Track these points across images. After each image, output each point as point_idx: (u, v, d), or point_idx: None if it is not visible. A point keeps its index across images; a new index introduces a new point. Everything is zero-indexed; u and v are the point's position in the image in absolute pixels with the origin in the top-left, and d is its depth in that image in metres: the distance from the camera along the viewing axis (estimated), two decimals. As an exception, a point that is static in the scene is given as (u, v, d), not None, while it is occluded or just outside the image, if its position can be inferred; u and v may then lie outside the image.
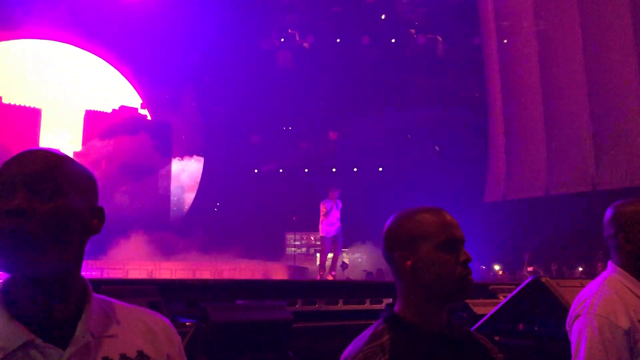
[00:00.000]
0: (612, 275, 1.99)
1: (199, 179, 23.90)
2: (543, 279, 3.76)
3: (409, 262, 1.42)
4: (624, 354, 1.82)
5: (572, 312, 1.97)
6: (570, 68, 15.84)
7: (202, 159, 24.01)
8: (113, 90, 24.37)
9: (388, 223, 1.52)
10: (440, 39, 22.27)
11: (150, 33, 22.00)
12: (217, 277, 13.12)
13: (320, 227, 10.26)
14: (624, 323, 1.83)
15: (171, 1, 21.72)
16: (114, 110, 23.14)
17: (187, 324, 3.97)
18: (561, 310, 3.54)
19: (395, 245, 1.46)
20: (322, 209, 10.11)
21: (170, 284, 5.32)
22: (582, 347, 1.87)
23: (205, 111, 23.22)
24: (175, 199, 23.96)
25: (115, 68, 24.50)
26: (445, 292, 1.41)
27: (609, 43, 15.12)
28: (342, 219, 10.17)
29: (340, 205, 10.21)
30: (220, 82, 21.96)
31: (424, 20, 22.36)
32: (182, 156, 24.11)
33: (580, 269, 14.98)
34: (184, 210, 24.28)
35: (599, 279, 2.04)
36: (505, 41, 17.89)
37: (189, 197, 24.39)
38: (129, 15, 21.99)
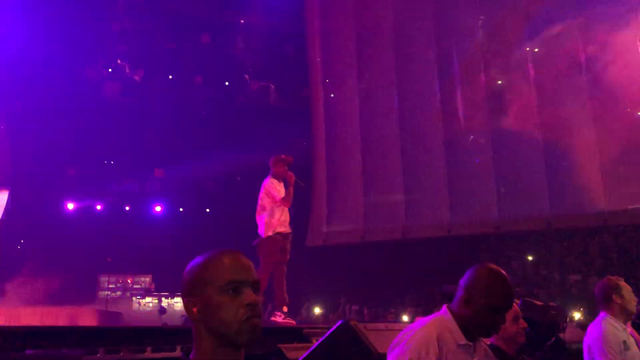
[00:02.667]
0: (442, 316, 2.14)
1: (1, 212, 21.33)
2: (351, 323, 3.90)
3: (195, 308, 1.41)
4: None
5: (395, 340, 2.08)
6: (386, 124, 17.41)
7: (7, 190, 21.53)
8: None
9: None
10: (272, 86, 23.01)
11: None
12: (13, 323, 11.62)
13: (263, 221, 6.54)
14: None
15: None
16: None
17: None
18: (367, 353, 3.68)
19: (185, 291, 1.44)
20: (273, 191, 6.58)
21: (-56, 332, 4.56)
22: None
23: (15, 136, 20.98)
24: (-30, 234, 21.08)
25: None
26: (230, 335, 1.39)
27: (419, 103, 17.02)
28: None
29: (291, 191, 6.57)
30: (34, 105, 20.09)
31: (258, 67, 22.96)
32: (-18, 186, 21.41)
33: (393, 310, 16.05)
34: (-20, 246, 21.42)
35: (430, 316, 2.18)
36: (332, 95, 19.08)
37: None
38: None
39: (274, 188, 6.89)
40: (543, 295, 13.84)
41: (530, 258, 17.18)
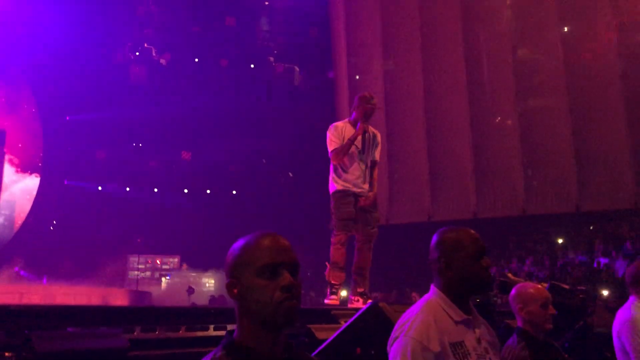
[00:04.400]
0: (432, 298, 2.13)
1: (34, 193, 21.85)
2: (380, 304, 3.95)
3: (235, 290, 1.44)
4: None
5: (393, 334, 2.08)
6: (411, 105, 17.21)
7: (38, 175, 22.01)
8: None
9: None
10: (297, 69, 22.95)
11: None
12: (48, 302, 12.01)
13: (330, 177, 5.32)
14: (435, 347, 1.97)
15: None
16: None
17: (7, 354, 3.55)
18: (395, 334, 3.75)
19: (227, 272, 1.48)
20: (333, 138, 5.15)
21: (-11, 310, 4.74)
22: None
23: (46, 120, 21.39)
24: (7, 212, 21.67)
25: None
26: (265, 317, 1.42)
27: (445, 84, 16.77)
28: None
29: (376, 142, 5.29)
30: (64, 89, 20.42)
31: (282, 49, 22.92)
32: (16, 167, 21.92)
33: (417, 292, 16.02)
34: (15, 227, 22.00)
35: (420, 301, 2.16)
36: (357, 77, 18.93)
37: (22, 213, 22.19)
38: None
39: (328, 137, 5.29)
40: (571, 278, 13.69)
41: (558, 241, 16.97)
